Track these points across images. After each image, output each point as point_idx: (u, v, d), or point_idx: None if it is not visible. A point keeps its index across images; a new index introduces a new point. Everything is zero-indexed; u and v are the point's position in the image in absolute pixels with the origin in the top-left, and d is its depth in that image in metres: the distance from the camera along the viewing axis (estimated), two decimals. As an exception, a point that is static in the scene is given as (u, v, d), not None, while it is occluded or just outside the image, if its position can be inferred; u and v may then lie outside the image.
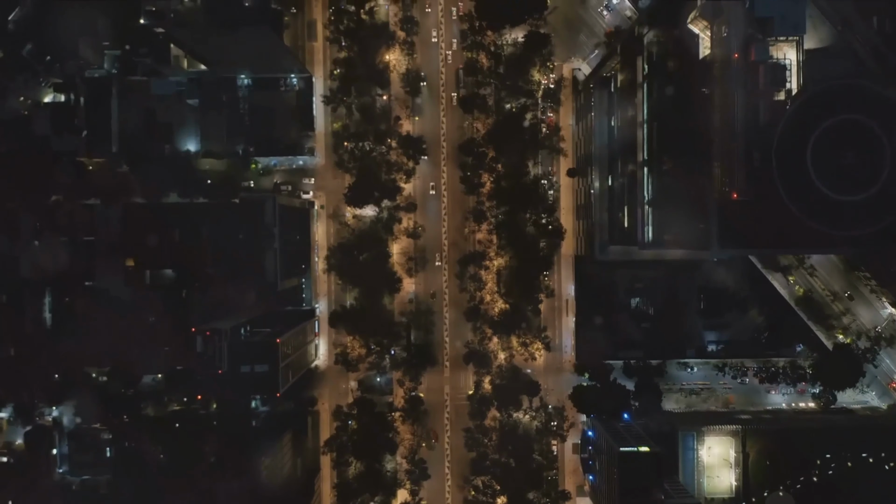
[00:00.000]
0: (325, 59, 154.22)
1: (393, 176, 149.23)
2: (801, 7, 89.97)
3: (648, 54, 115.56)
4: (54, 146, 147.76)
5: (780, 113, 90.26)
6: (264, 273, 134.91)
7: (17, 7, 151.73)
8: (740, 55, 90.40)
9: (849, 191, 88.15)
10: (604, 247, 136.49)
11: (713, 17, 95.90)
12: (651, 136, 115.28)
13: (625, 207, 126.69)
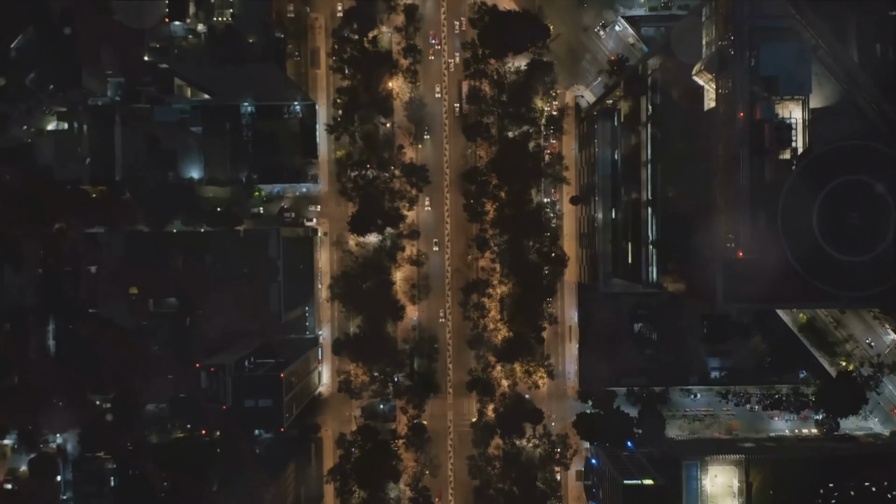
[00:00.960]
0: (328, 87, 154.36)
1: (396, 204, 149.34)
2: (806, 66, 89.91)
3: (653, 95, 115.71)
4: (57, 175, 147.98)
5: (785, 172, 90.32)
6: (268, 305, 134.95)
7: (20, 35, 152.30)
8: (745, 113, 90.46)
9: (855, 251, 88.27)
10: (607, 279, 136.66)
11: (718, 72, 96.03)
12: (655, 177, 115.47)
13: (629, 243, 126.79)
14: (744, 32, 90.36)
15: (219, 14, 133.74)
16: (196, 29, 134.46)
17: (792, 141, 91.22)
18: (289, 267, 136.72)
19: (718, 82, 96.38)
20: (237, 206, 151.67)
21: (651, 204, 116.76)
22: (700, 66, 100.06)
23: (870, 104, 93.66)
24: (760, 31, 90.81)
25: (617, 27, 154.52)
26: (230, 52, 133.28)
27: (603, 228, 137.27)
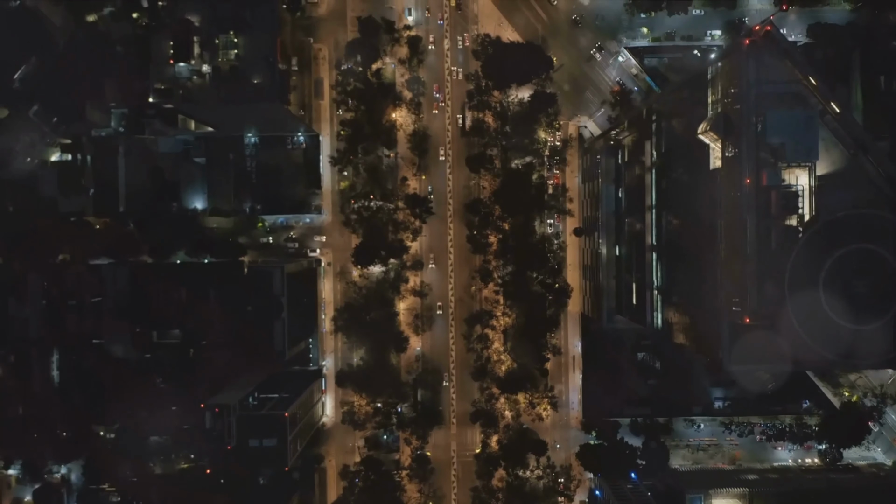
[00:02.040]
0: (331, 117, 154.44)
1: (399, 235, 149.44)
2: (813, 133, 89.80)
3: (657, 141, 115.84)
4: (61, 207, 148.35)
5: (792, 239, 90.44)
6: (272, 343, 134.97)
7: (23, 65, 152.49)
8: (752, 180, 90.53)
9: (860, 320, 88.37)
10: (611, 315, 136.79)
11: (724, 134, 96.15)
12: (660, 224, 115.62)
13: (633, 284, 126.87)
14: (750, 98, 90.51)
15: (223, 55, 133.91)
16: (201, 70, 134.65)
17: (799, 208, 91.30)
18: (293, 302, 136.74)
19: (724, 144, 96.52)
20: (241, 236, 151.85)
21: (656, 249, 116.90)
22: (705, 125, 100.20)
23: (877, 169, 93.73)
24: (767, 97, 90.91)
25: (620, 58, 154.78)
26: (235, 93, 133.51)
27: (607, 264, 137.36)
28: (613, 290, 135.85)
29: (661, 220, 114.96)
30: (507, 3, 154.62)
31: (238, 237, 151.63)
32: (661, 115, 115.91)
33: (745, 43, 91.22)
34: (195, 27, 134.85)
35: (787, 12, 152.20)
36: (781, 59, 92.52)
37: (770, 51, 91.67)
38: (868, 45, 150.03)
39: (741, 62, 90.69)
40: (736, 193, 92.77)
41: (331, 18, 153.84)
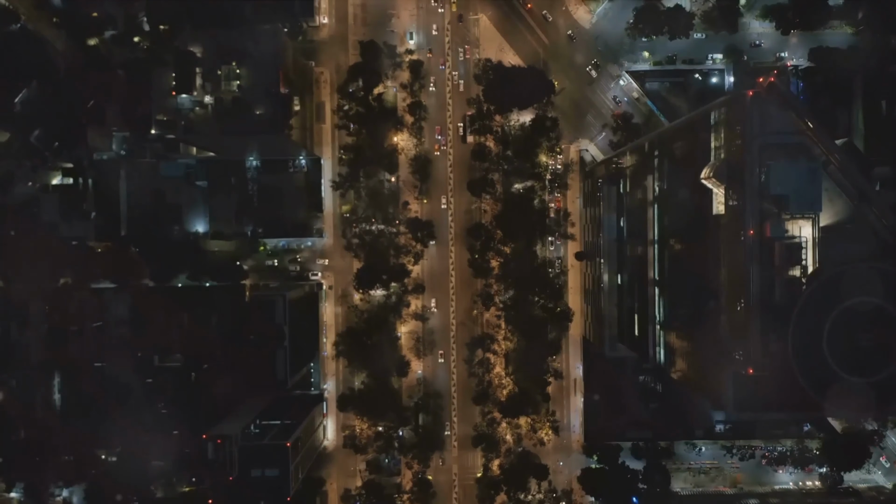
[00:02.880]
0: (333, 140, 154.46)
1: (401, 259, 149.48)
2: (816, 185, 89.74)
3: (660, 177, 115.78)
4: (63, 232, 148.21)
5: (795, 291, 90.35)
6: (274, 370, 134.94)
7: (24, 89, 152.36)
8: (755, 231, 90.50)
9: (863, 372, 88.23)
10: (613, 343, 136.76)
11: (727, 182, 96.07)
12: (662, 259, 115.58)
13: (635, 315, 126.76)
14: (753, 149, 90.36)
15: (226, 85, 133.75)
16: (203, 101, 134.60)
17: (802, 260, 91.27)
18: (295, 330, 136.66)
19: (728, 192, 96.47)
20: (242, 260, 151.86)
21: (659, 284, 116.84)
22: (708, 171, 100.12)
23: (880, 220, 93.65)
24: (770, 147, 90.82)
25: (621, 81, 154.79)
26: (237, 124, 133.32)
27: (609, 291, 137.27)
28: (615, 318, 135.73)
29: (664, 256, 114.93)
30: (508, 26, 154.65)
31: (239, 260, 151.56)
32: (663, 151, 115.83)
33: (749, 94, 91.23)
34: (197, 58, 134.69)
35: (789, 36, 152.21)
36: (785, 110, 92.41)
37: (773, 102, 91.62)
38: (870, 69, 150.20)
39: (745, 113, 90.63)
40: (739, 242, 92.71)
41: (332, 42, 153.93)
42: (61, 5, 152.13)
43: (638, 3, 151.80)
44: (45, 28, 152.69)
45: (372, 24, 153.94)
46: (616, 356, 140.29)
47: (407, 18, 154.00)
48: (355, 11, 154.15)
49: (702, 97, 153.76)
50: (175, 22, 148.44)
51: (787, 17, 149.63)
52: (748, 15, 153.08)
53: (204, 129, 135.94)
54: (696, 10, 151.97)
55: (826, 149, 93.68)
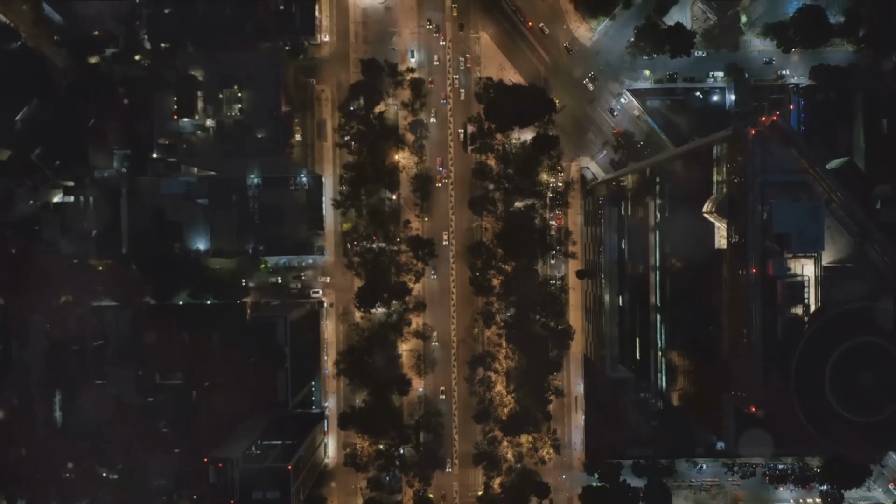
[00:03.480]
0: (334, 158, 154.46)
1: (402, 278, 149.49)
2: (819, 224, 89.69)
3: (661, 203, 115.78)
4: (64, 250, 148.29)
5: (798, 329, 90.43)
6: (276, 391, 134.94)
7: (25, 107, 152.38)
8: (758, 269, 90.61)
9: (866, 412, 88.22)
10: (614, 364, 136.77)
11: (729, 218, 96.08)
12: (664, 285, 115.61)
13: (637, 339, 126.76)
14: (755, 187, 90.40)
15: (227, 109, 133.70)
16: (204, 124, 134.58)
17: (804, 298, 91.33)
18: (296, 350, 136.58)
19: (730, 228, 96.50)
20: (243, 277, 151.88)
21: (660, 311, 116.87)
22: (710, 206, 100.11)
23: (882, 258, 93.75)
24: (772, 186, 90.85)
25: (622, 99, 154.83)
26: (239, 147, 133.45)
27: (610, 312, 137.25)
28: (616, 339, 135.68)
29: (666, 283, 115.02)
30: (509, 44, 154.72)
31: (240, 278, 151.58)
32: (664, 178, 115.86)
33: (751, 133, 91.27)
34: (199, 82, 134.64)
35: (790, 54, 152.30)
36: (787, 148, 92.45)
37: (775, 140, 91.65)
38: (870, 87, 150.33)
39: (747, 152, 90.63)
40: (740, 278, 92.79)
41: (333, 60, 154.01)
42: (62, 23, 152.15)
43: (639, 21, 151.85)
44: (46, 46, 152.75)
45: (373, 41, 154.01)
46: (617, 377, 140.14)
47: (408, 36, 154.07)
48: (356, 29, 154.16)
49: (703, 115, 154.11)
50: (176, 40, 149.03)
51: (787, 36, 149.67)
52: (749, 33, 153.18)
53: (205, 151, 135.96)
54: (697, 29, 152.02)
55: (828, 187, 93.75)
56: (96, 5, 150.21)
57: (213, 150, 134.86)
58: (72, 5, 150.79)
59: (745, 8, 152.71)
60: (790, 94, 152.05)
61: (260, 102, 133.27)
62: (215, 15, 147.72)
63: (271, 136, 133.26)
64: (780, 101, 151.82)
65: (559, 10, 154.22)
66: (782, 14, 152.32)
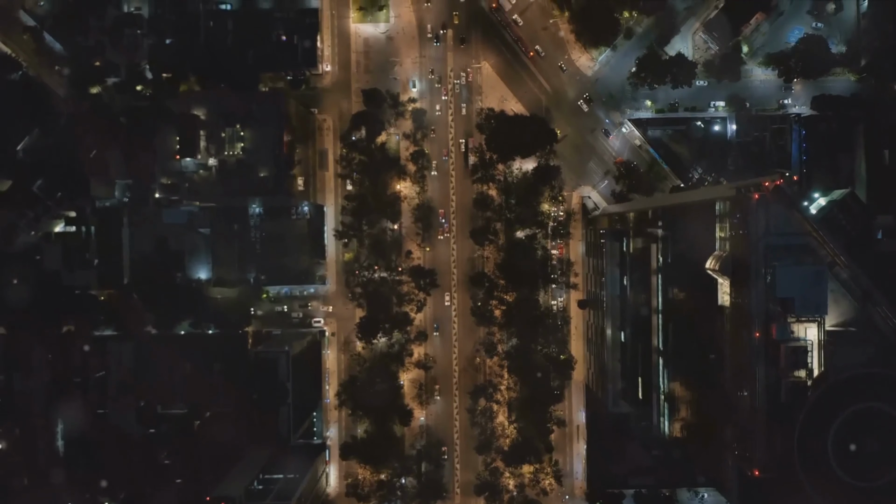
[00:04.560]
0: (336, 187, 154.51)
1: (404, 308, 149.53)
2: (822, 288, 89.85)
3: (663, 248, 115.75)
4: (66, 281, 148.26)
5: (801, 393, 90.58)
6: (277, 427, 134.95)
7: (26, 136, 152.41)
8: (761, 333, 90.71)
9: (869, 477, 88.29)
10: (616, 398, 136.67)
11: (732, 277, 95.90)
12: (666, 330, 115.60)
13: (639, 379, 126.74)
14: (759, 251, 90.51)
15: (230, 148, 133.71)
16: (207, 163, 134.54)
17: (808, 363, 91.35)
18: (298, 384, 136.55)
19: (733, 288, 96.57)
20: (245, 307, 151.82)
21: (663, 355, 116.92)
22: (714, 263, 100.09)
23: (886, 321, 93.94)
24: (776, 249, 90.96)
25: (623, 129, 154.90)
26: (241, 186, 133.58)
27: (612, 346, 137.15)
28: (619, 373, 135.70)
29: (668, 328, 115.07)
30: (510, 73, 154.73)
31: (242, 307, 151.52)
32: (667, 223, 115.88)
33: (755, 197, 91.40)
34: (201, 121, 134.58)
35: (791, 84, 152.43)
36: (791, 211, 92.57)
37: (779, 204, 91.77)
38: (872, 118, 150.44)
39: (750, 216, 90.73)
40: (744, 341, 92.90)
41: (335, 89, 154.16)
42: (63, 53, 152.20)
43: (640, 51, 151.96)
44: (47, 75, 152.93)
45: (375, 71, 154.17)
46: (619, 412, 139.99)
47: (410, 66, 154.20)
48: (358, 59, 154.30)
49: (704, 145, 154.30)
50: (178, 70, 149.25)
51: (789, 66, 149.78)
52: (751, 62, 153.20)
53: (207, 190, 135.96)
54: (699, 59, 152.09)
55: (832, 250, 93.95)
56: (97, 35, 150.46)
57: (216, 189, 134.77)
58: (73, 35, 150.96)
59: (747, 37, 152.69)
60: (791, 123, 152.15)
61: (262, 141, 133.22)
62: (217, 45, 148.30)
63: (274, 175, 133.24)
64: (781, 131, 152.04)
65: (560, 40, 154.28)
66: (784, 44, 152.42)
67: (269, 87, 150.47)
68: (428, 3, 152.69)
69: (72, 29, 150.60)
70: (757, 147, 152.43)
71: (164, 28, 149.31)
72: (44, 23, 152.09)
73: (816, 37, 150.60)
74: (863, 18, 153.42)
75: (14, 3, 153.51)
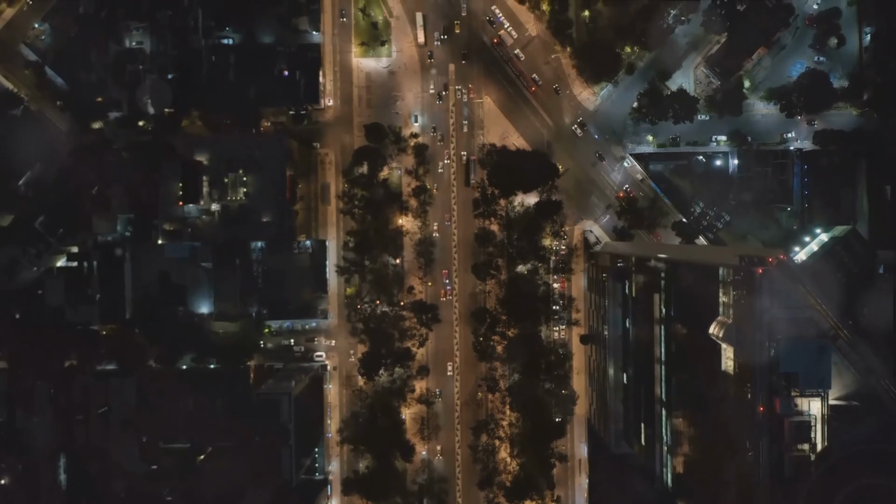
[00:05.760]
0: (338, 221, 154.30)
1: (406, 343, 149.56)
2: (825, 364, 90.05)
3: (666, 298, 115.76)
4: (68, 317, 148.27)
5: (804, 468, 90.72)
6: (280, 469, 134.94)
7: (28, 171, 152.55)
8: (765, 407, 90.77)
9: None
10: (618, 440, 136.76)
11: (736, 346, 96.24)
12: (669, 384, 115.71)
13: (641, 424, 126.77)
14: (763, 326, 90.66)
15: (233, 193, 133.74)
16: (209, 209, 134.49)
17: (811, 438, 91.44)
18: (300, 423, 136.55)
19: (736, 358, 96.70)
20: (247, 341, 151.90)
21: (666, 406, 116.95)
22: (718, 330, 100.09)
23: (888, 392, 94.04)
24: (780, 321, 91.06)
25: (625, 163, 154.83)
26: (244, 231, 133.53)
27: (615, 387, 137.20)
28: (621, 414, 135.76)
29: (671, 382, 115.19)
30: (512, 107, 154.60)
31: (244, 342, 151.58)
32: (670, 277, 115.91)
33: (759, 272, 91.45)
34: (204, 166, 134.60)
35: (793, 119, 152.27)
36: (794, 285, 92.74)
37: (783, 277, 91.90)
38: (874, 152, 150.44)
39: (754, 291, 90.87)
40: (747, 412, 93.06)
41: (337, 124, 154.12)
42: (65, 88, 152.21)
43: (642, 85, 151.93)
44: (49, 110, 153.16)
45: (377, 105, 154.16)
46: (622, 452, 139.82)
47: (412, 100, 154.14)
48: (360, 93, 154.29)
49: (706, 180, 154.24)
50: (180, 106, 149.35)
51: (791, 101, 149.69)
52: (752, 97, 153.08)
53: (210, 235, 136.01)
54: (700, 93, 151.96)
55: (835, 323, 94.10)
56: (99, 70, 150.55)
57: (218, 233, 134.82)
58: (75, 70, 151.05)
59: (749, 72, 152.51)
60: (793, 158, 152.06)
61: (265, 186, 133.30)
62: (219, 81, 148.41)
63: (276, 219, 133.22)
64: (783, 165, 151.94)
65: (563, 75, 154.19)
66: (785, 78, 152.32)
67: (271, 121, 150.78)
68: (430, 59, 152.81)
69: (74, 64, 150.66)
70: (759, 182, 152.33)
71: (166, 63, 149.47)
72: (45, 57, 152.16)
73: (818, 72, 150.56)
74: (865, 52, 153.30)
75: (16, 37, 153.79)
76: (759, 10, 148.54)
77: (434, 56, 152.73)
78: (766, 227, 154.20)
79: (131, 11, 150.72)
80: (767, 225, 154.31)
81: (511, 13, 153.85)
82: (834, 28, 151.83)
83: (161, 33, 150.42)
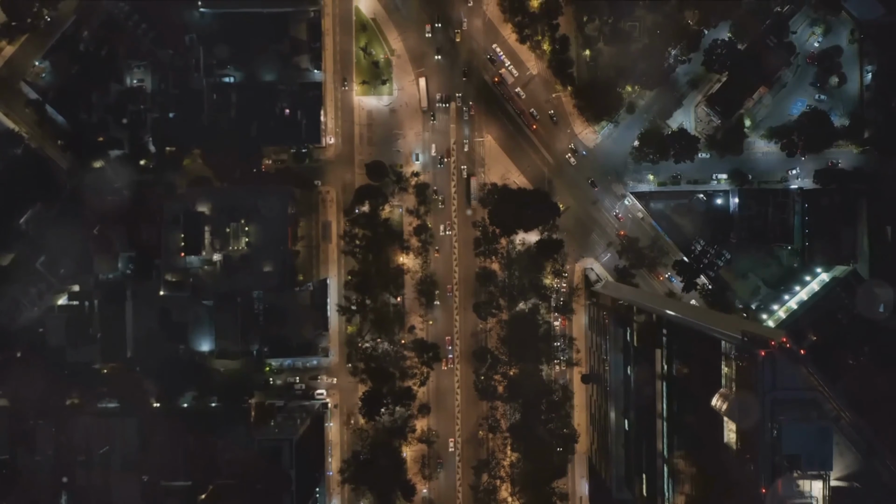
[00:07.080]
0: (339, 259, 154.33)
1: (407, 382, 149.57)
2: (828, 445, 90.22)
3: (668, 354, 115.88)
4: (70, 357, 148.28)
5: None
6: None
7: (29, 210, 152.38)
8: (768, 489, 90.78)
9: None
10: (620, 484, 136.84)
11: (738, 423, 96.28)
12: (671, 438, 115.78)
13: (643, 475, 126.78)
14: (766, 407, 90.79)
15: (235, 243, 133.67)
16: (211, 259, 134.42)
17: None
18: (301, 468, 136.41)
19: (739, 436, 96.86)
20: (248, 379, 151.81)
21: (667, 463, 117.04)
22: (720, 403, 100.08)
23: (890, 473, 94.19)
24: (782, 403, 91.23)
25: (626, 202, 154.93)
26: (246, 281, 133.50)
27: (616, 431, 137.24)
28: (622, 459, 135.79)
29: (673, 439, 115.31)
30: (513, 146, 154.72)
31: (245, 380, 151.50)
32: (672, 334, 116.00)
33: (762, 354, 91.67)
34: (206, 216, 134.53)
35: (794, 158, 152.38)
36: (796, 367, 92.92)
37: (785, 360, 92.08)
38: (875, 191, 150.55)
39: (757, 373, 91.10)
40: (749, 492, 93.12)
41: (338, 162, 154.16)
42: (66, 126, 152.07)
43: (642, 124, 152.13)
44: (50, 148, 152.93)
45: (378, 143, 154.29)
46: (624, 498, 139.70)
47: (413, 138, 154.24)
48: (361, 131, 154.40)
49: (707, 218, 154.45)
50: (181, 144, 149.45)
51: (792, 140, 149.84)
52: (753, 135, 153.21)
53: (212, 285, 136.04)
54: (701, 132, 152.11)
55: (837, 405, 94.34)
56: (100, 109, 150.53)
57: (221, 284, 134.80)
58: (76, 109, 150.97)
59: (749, 111, 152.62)
60: (794, 197, 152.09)
61: (267, 236, 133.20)
62: (220, 119, 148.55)
63: (278, 269, 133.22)
64: (784, 204, 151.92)
65: (564, 114, 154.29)
66: (786, 117, 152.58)
67: (272, 159, 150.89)
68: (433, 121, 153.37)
69: (75, 103, 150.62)
70: (760, 220, 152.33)
71: (168, 102, 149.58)
72: (46, 95, 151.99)
73: (819, 111, 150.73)
74: (866, 91, 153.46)
75: (16, 75, 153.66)
76: (760, 48, 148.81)
77: (437, 119, 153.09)
78: (767, 266, 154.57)
79: (132, 50, 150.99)
80: (768, 263, 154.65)
81: (512, 52, 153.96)
82: (835, 66, 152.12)
83: (162, 72, 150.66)
